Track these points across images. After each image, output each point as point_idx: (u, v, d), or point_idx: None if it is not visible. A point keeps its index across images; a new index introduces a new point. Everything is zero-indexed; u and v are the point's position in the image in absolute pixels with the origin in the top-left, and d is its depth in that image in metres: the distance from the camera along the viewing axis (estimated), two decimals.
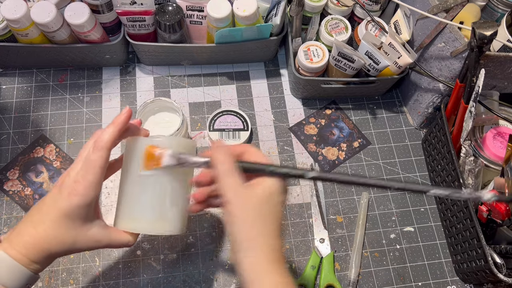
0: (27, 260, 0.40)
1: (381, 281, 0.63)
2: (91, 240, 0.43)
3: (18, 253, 0.40)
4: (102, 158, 0.41)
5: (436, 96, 0.68)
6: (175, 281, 0.61)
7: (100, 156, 0.41)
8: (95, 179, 0.41)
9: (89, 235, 0.42)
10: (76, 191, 0.40)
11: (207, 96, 0.75)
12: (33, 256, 0.40)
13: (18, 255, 0.40)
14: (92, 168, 0.40)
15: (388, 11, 0.75)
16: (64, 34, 0.65)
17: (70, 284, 0.60)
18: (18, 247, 0.40)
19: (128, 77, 0.76)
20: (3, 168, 0.66)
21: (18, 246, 0.40)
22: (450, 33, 0.60)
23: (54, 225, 0.40)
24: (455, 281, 0.64)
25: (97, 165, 0.40)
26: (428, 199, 0.70)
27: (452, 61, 0.62)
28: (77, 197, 0.40)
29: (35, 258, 0.41)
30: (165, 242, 0.63)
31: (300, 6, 0.68)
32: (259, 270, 0.39)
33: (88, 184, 0.40)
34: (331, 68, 0.71)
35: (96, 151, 0.41)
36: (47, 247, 0.41)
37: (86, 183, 0.40)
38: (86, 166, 0.41)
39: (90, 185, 0.40)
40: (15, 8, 0.61)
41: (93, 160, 0.40)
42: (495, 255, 0.55)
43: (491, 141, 0.62)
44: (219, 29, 0.66)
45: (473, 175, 0.60)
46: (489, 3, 0.64)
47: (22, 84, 0.73)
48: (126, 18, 0.67)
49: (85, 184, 0.40)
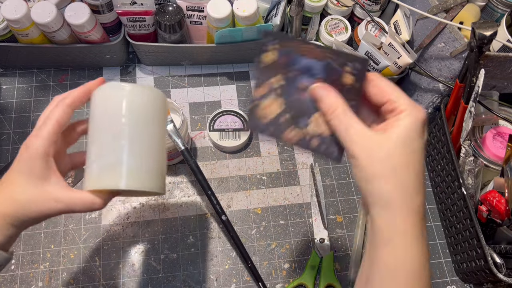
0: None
1: None
2: (49, 199, 0.39)
3: None
4: (58, 110, 0.39)
5: (435, 96, 0.68)
6: (175, 281, 0.61)
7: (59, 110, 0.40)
8: (49, 131, 0.39)
9: (45, 192, 0.39)
10: (27, 144, 0.39)
11: (207, 96, 0.75)
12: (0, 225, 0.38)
13: None
14: (48, 120, 0.39)
15: (388, 11, 0.75)
16: (64, 34, 0.65)
17: (71, 284, 0.60)
18: None
19: (128, 77, 0.76)
20: (3, 168, 0.66)
21: None
22: (450, 33, 0.60)
23: (9, 186, 0.39)
24: (455, 281, 0.64)
25: (52, 118, 0.39)
26: (428, 199, 0.70)
27: (452, 61, 0.62)
28: (26, 150, 0.39)
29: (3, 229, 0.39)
30: (165, 242, 0.63)
31: (300, 7, 0.68)
32: (393, 233, 0.34)
33: (41, 136, 0.39)
34: None
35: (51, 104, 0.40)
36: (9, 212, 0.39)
37: (39, 135, 0.39)
38: (43, 121, 0.40)
39: (43, 137, 0.39)
40: (15, 9, 0.61)
41: (49, 112, 0.40)
42: (494, 255, 0.55)
43: (490, 141, 0.62)
44: (219, 29, 0.66)
45: (473, 175, 0.60)
46: (489, 3, 0.64)
47: (23, 84, 0.73)
48: (126, 18, 0.67)
49: (38, 136, 0.39)
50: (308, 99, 0.38)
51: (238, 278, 0.62)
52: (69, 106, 0.40)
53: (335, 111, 0.36)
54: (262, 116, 0.38)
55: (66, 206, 0.39)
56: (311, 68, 0.38)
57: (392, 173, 0.34)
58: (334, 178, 0.70)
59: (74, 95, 0.41)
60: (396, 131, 0.35)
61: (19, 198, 0.39)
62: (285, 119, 0.38)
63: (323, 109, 0.37)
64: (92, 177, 0.39)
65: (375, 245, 0.35)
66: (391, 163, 0.34)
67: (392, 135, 0.35)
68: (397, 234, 0.34)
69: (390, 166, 0.34)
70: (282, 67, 0.38)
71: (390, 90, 0.37)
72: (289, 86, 0.38)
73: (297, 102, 0.38)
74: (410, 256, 0.34)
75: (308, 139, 0.38)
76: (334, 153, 0.38)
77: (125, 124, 0.39)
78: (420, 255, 0.34)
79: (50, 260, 0.61)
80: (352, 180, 0.70)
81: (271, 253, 0.64)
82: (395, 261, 0.34)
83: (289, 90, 0.38)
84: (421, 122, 0.35)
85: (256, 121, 0.38)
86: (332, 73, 0.38)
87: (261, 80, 0.38)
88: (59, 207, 0.39)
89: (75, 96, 0.41)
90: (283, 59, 0.38)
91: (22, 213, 0.39)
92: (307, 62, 0.38)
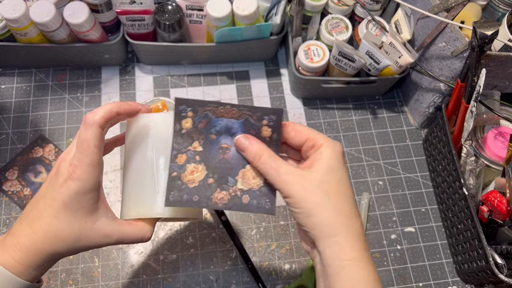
0: (22, 267, 0.35)
1: (382, 282, 0.63)
2: (99, 235, 0.37)
3: (12, 259, 0.35)
4: (95, 135, 0.36)
5: (437, 96, 0.68)
6: (175, 282, 0.61)
7: (92, 134, 0.36)
8: (92, 160, 0.35)
9: (95, 229, 0.36)
10: (73, 176, 0.35)
11: (207, 96, 0.75)
12: (30, 261, 0.35)
13: (11, 261, 0.35)
14: (86, 148, 0.35)
15: (389, 10, 0.74)
16: (63, 34, 0.65)
17: (69, 285, 0.60)
18: (12, 251, 0.35)
19: (128, 77, 0.75)
20: (2, 168, 0.66)
21: (12, 250, 0.35)
22: (451, 32, 0.60)
23: (52, 220, 0.35)
24: (456, 281, 0.64)
25: (91, 144, 0.35)
26: (429, 200, 0.70)
27: (453, 61, 0.61)
28: (75, 183, 0.35)
29: (32, 263, 0.35)
30: (164, 242, 0.63)
31: (300, 5, 0.67)
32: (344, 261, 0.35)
33: (85, 166, 0.35)
34: (331, 68, 0.70)
35: (86, 128, 0.36)
36: (46, 247, 0.35)
37: (83, 165, 0.35)
38: (79, 147, 0.35)
39: (88, 167, 0.35)
40: (14, 8, 0.60)
41: (86, 139, 0.35)
42: (496, 256, 0.55)
43: (492, 141, 0.62)
44: (219, 29, 0.66)
45: (474, 175, 0.60)
46: (490, 3, 0.63)
47: (21, 84, 0.73)
48: (125, 18, 0.66)
49: (82, 166, 0.35)
50: (231, 158, 0.39)
51: (238, 279, 0.62)
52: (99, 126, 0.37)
53: (261, 157, 0.38)
54: (189, 181, 0.39)
55: (115, 241, 0.38)
56: (230, 128, 0.39)
57: (327, 201, 0.36)
58: None
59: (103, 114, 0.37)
60: (320, 163, 0.37)
61: (64, 236, 0.36)
62: (212, 182, 0.39)
63: (249, 158, 0.38)
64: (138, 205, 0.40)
65: (327, 276, 0.36)
66: (324, 192, 0.36)
67: (318, 168, 0.37)
68: (348, 261, 0.36)
69: (323, 195, 0.36)
70: (200, 132, 0.39)
71: (307, 130, 0.39)
72: (210, 150, 0.39)
73: (222, 163, 0.39)
74: (362, 277, 0.36)
75: (239, 195, 0.39)
76: (267, 205, 0.39)
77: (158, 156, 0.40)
78: (372, 273, 0.36)
79: None
80: (352, 180, 0.70)
81: (271, 254, 0.64)
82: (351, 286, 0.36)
83: (210, 153, 0.39)
84: (340, 153, 0.38)
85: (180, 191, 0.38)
86: (251, 129, 0.40)
87: (182, 146, 0.39)
88: (108, 242, 0.38)
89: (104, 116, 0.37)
90: (201, 124, 0.39)
91: (67, 249, 0.36)
92: (225, 123, 0.39)
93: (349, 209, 0.37)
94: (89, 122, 0.36)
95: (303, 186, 0.36)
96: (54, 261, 0.37)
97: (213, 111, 0.39)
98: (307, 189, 0.36)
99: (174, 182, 0.38)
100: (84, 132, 0.36)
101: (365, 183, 0.70)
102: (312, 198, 0.36)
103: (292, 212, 0.37)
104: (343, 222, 0.36)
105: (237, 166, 0.39)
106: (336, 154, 0.38)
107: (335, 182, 0.37)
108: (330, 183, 0.37)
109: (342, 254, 0.36)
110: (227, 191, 0.39)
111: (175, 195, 0.38)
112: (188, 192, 0.38)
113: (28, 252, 0.35)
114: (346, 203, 0.37)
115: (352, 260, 0.35)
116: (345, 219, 0.36)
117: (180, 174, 0.39)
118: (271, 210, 0.39)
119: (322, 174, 0.37)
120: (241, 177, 0.39)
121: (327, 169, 0.37)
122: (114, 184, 0.66)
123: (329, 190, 0.36)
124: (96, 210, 0.37)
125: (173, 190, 0.38)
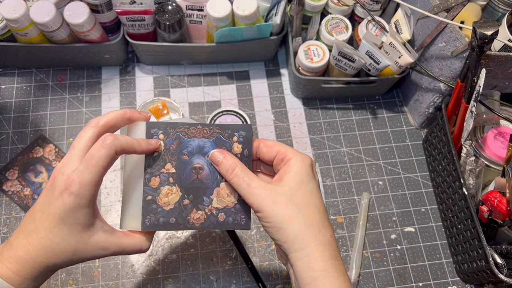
0: (20, 279, 0.35)
1: (381, 282, 0.63)
2: (96, 248, 0.37)
3: (8, 270, 0.35)
4: (107, 156, 0.35)
5: (437, 96, 0.68)
6: (175, 281, 0.61)
7: (105, 154, 0.34)
8: (94, 179, 0.34)
9: (92, 243, 0.36)
10: (69, 190, 0.34)
11: (207, 96, 0.75)
12: (26, 272, 0.35)
13: (8, 272, 0.35)
14: (94, 167, 0.34)
15: (389, 10, 0.74)
16: (63, 34, 0.65)
17: (69, 285, 0.60)
18: (9, 263, 0.35)
19: (128, 77, 0.75)
20: (2, 168, 0.66)
21: (9, 261, 0.35)
22: (451, 32, 0.60)
23: (48, 234, 0.35)
24: (456, 281, 0.64)
25: (100, 164, 0.34)
26: (429, 200, 0.70)
27: (453, 61, 0.62)
28: (71, 198, 0.34)
29: (28, 275, 0.35)
30: (164, 242, 0.63)
31: (300, 6, 0.68)
32: (316, 272, 0.36)
33: (85, 183, 0.34)
34: (331, 68, 0.70)
35: (103, 146, 0.35)
36: (42, 260, 0.35)
37: (82, 181, 0.34)
38: (87, 163, 0.34)
39: (87, 184, 0.34)
40: (14, 8, 0.60)
41: (97, 157, 0.34)
42: (496, 256, 0.55)
43: (492, 141, 0.62)
44: (219, 29, 0.66)
45: (474, 175, 0.60)
46: (490, 3, 0.63)
47: (21, 84, 0.73)
48: (125, 18, 0.67)
49: (82, 182, 0.34)
50: (205, 178, 0.40)
51: (238, 279, 0.62)
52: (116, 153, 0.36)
53: (234, 171, 0.38)
54: (164, 204, 0.39)
55: (112, 253, 0.38)
56: (202, 147, 0.40)
57: (297, 213, 0.36)
58: (335, 178, 0.70)
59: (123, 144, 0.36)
60: (290, 176, 0.38)
61: (60, 249, 0.36)
62: (187, 203, 0.40)
63: (223, 171, 0.39)
64: (138, 215, 0.39)
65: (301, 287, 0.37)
66: (294, 204, 0.37)
67: (288, 180, 0.38)
68: (319, 272, 0.36)
69: (293, 208, 0.36)
70: (172, 153, 0.40)
71: (278, 145, 0.40)
72: (182, 171, 0.40)
73: (196, 183, 0.40)
74: (335, 287, 0.36)
75: (215, 214, 0.40)
76: (242, 221, 0.40)
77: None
78: (344, 282, 0.37)
79: None
80: (352, 180, 0.70)
81: (271, 254, 0.64)
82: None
83: (183, 174, 0.40)
84: (310, 165, 0.39)
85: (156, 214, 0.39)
86: (223, 146, 0.40)
87: (154, 169, 0.39)
88: (105, 254, 0.38)
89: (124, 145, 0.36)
90: (173, 145, 0.40)
91: (65, 262, 0.36)
92: (197, 143, 0.40)
93: (319, 220, 0.37)
94: (108, 143, 0.35)
95: (273, 200, 0.36)
96: (51, 272, 0.37)
97: (184, 132, 0.40)
98: (277, 202, 0.36)
99: (149, 206, 0.39)
100: (98, 150, 0.35)
101: (365, 183, 0.70)
102: (282, 212, 0.36)
103: (263, 226, 0.38)
104: (313, 233, 0.36)
105: (212, 185, 0.40)
106: (305, 167, 0.38)
107: (305, 194, 0.38)
108: (300, 195, 0.37)
109: (313, 265, 0.36)
110: (203, 210, 0.40)
111: (151, 219, 0.39)
112: (164, 215, 0.39)
113: (24, 265, 0.35)
114: (317, 215, 0.37)
115: (324, 271, 0.36)
116: (315, 230, 0.37)
117: (155, 197, 0.39)
118: (246, 226, 0.40)
119: (292, 187, 0.37)
120: (215, 195, 0.40)
121: (297, 181, 0.38)
122: (114, 184, 0.67)
123: (300, 202, 0.37)
124: (92, 224, 0.37)
125: (149, 214, 0.39)
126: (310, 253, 0.36)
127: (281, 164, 0.40)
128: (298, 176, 0.38)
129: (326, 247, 0.37)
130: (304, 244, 0.36)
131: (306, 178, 0.38)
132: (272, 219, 0.36)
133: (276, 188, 0.37)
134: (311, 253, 0.36)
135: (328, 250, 0.37)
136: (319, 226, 0.37)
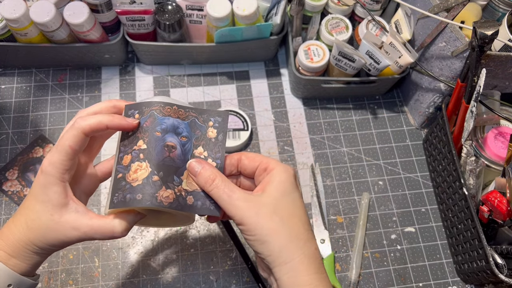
0: (5, 255, 0.37)
1: (381, 282, 0.63)
2: (66, 228, 0.37)
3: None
4: (74, 138, 0.37)
5: (437, 95, 0.67)
6: (175, 282, 0.61)
7: (71, 136, 0.37)
8: (61, 157, 0.36)
9: (62, 222, 0.37)
10: (41, 169, 0.37)
11: (207, 96, 0.75)
12: (10, 250, 0.37)
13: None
14: (61, 146, 0.36)
15: (389, 10, 0.74)
16: (63, 34, 0.65)
17: (69, 285, 0.60)
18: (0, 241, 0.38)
19: (128, 77, 0.75)
20: (2, 168, 0.66)
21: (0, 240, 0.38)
22: (451, 32, 0.60)
23: (25, 210, 0.37)
24: (456, 281, 0.64)
25: (66, 144, 0.36)
26: (430, 200, 0.70)
27: (453, 61, 0.61)
28: (43, 175, 0.36)
29: (12, 252, 0.37)
30: (164, 242, 0.63)
31: (300, 6, 0.67)
32: (300, 285, 0.35)
33: (53, 161, 0.36)
34: (331, 68, 0.70)
35: (71, 128, 0.37)
36: (20, 237, 0.37)
37: (51, 160, 0.36)
38: (57, 144, 0.37)
39: (55, 162, 0.36)
40: (14, 8, 0.60)
41: (64, 138, 0.37)
42: (496, 256, 0.55)
43: (492, 141, 0.62)
44: (219, 29, 0.66)
45: (474, 175, 0.59)
46: (490, 3, 0.63)
47: (21, 84, 0.73)
48: (125, 18, 0.66)
49: (50, 161, 0.36)
50: (177, 157, 0.39)
51: (238, 279, 0.62)
52: (84, 132, 0.37)
53: (214, 182, 0.37)
54: (132, 180, 0.37)
55: (84, 234, 0.38)
56: (176, 127, 0.39)
57: (281, 226, 0.36)
58: (335, 178, 0.70)
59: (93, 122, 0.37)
60: (273, 185, 0.37)
61: (33, 226, 0.37)
62: (157, 179, 0.38)
63: (201, 183, 0.38)
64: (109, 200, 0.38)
65: None
66: (278, 216, 0.36)
67: (271, 191, 0.37)
68: (306, 286, 0.35)
69: (278, 219, 0.36)
70: (145, 130, 0.39)
71: (260, 156, 0.40)
72: (154, 147, 0.38)
73: (167, 161, 0.38)
74: None
75: (184, 196, 0.38)
76: (211, 206, 0.39)
77: None
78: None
79: (49, 261, 0.61)
80: (352, 180, 0.70)
81: None
82: None
83: (155, 150, 0.38)
84: (292, 176, 0.38)
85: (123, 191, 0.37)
86: (197, 129, 0.40)
87: (127, 148, 0.39)
88: (78, 235, 0.38)
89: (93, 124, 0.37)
90: (146, 123, 0.39)
91: (40, 241, 0.37)
92: (172, 122, 0.39)
93: (303, 232, 0.37)
94: (76, 125, 0.37)
95: (257, 212, 0.36)
96: (35, 254, 0.38)
97: (159, 110, 0.39)
98: (261, 214, 0.36)
99: (118, 183, 0.38)
100: (67, 131, 0.37)
101: (365, 183, 0.70)
102: (267, 224, 0.35)
103: (246, 239, 0.37)
104: (298, 246, 0.36)
105: (183, 165, 0.39)
106: (288, 177, 0.38)
107: (289, 205, 0.37)
108: (284, 206, 0.37)
109: (299, 280, 0.35)
110: (173, 190, 0.38)
111: (119, 197, 0.37)
112: (132, 191, 0.37)
113: (7, 241, 0.37)
114: (301, 227, 0.37)
115: (309, 285, 0.35)
116: (300, 243, 0.36)
117: (125, 174, 0.38)
118: (214, 211, 0.39)
119: (276, 197, 0.37)
120: (185, 177, 0.39)
121: (281, 191, 0.37)
122: None
123: (284, 214, 0.36)
124: (65, 205, 0.37)
125: (117, 192, 0.37)
126: (295, 267, 0.35)
127: (263, 174, 0.39)
128: (282, 185, 0.37)
129: (311, 261, 0.36)
130: (289, 257, 0.35)
131: (289, 187, 0.38)
132: (257, 231, 0.35)
133: (259, 199, 0.36)
134: (296, 267, 0.35)
135: (313, 263, 0.36)
136: (304, 239, 0.36)
